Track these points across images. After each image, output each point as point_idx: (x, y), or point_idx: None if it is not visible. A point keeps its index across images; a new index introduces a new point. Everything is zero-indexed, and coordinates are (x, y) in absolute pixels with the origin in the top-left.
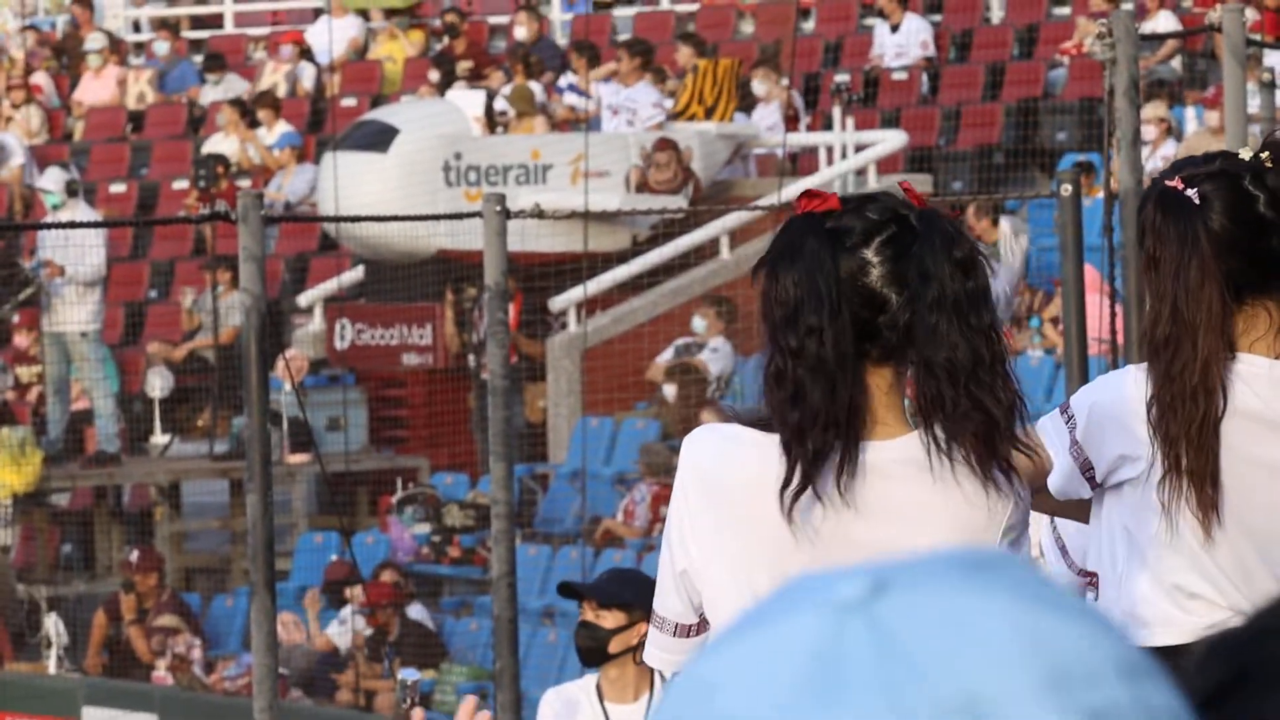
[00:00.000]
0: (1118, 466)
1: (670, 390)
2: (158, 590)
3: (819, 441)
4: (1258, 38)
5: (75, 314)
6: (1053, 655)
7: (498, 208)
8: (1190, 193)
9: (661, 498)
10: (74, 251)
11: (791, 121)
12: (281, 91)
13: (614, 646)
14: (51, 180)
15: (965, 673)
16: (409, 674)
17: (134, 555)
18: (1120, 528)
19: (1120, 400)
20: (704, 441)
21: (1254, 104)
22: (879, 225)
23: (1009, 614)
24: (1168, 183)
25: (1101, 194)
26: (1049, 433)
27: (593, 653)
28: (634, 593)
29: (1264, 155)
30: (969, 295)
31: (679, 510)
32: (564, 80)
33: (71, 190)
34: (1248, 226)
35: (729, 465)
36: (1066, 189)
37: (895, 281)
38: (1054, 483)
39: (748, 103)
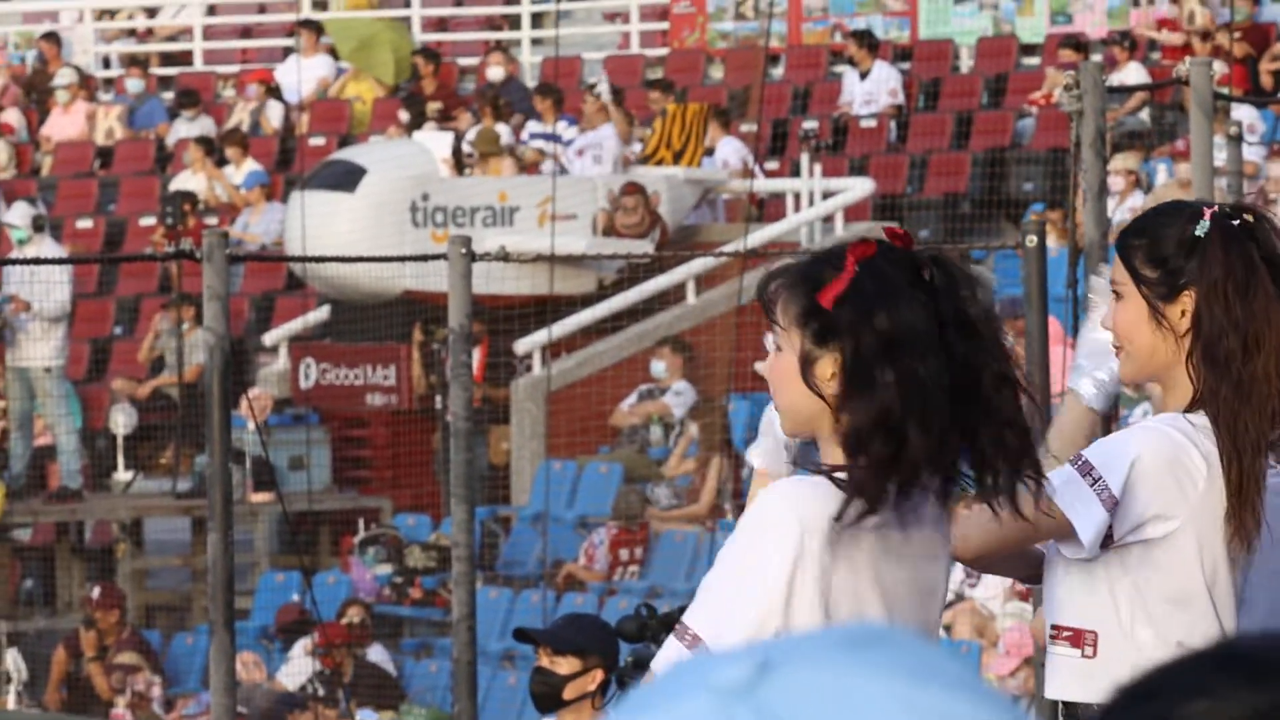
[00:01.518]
0: (1144, 524)
1: (631, 446)
2: (118, 627)
3: (909, 475)
4: (1225, 91)
5: (39, 349)
6: None
7: (463, 250)
8: (1234, 223)
9: (620, 542)
10: (39, 288)
11: (747, 171)
12: (247, 128)
13: (568, 693)
14: (18, 215)
15: None
16: (367, 716)
17: (95, 592)
18: (1128, 584)
19: (1169, 456)
20: (815, 497)
21: (1221, 157)
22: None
23: (893, 689)
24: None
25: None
26: (1066, 490)
27: (547, 699)
28: (589, 639)
29: (1249, 217)
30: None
31: (788, 570)
32: (531, 127)
33: (38, 225)
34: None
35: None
36: (1032, 240)
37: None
38: (1088, 538)
39: (712, 148)
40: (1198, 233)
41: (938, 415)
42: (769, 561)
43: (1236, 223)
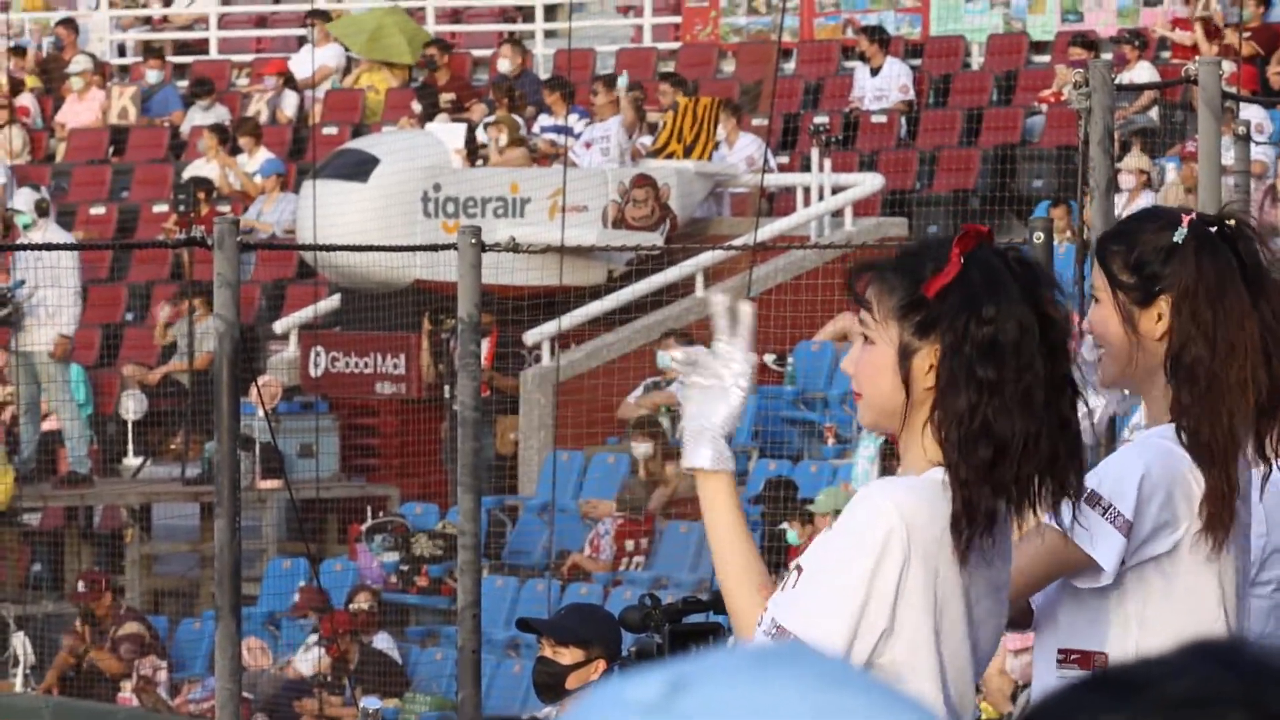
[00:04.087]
0: (1152, 540)
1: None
2: (114, 608)
3: (1010, 475)
4: (1234, 91)
5: (45, 335)
6: None
7: (473, 240)
8: (1212, 230)
9: (625, 533)
10: (46, 273)
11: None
12: (264, 119)
13: (571, 683)
14: (22, 201)
15: None
16: (371, 703)
17: (80, 585)
18: (1139, 601)
19: (1170, 471)
20: (913, 501)
21: (1229, 157)
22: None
23: (805, 700)
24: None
25: (1075, 241)
26: (1079, 524)
27: (549, 689)
28: (592, 630)
29: (1230, 223)
30: None
31: (893, 573)
32: (543, 120)
33: (41, 210)
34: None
35: (936, 517)
36: (1039, 237)
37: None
38: (1110, 566)
39: (731, 142)
40: (1175, 239)
41: (1035, 418)
42: (874, 561)
43: (1214, 230)
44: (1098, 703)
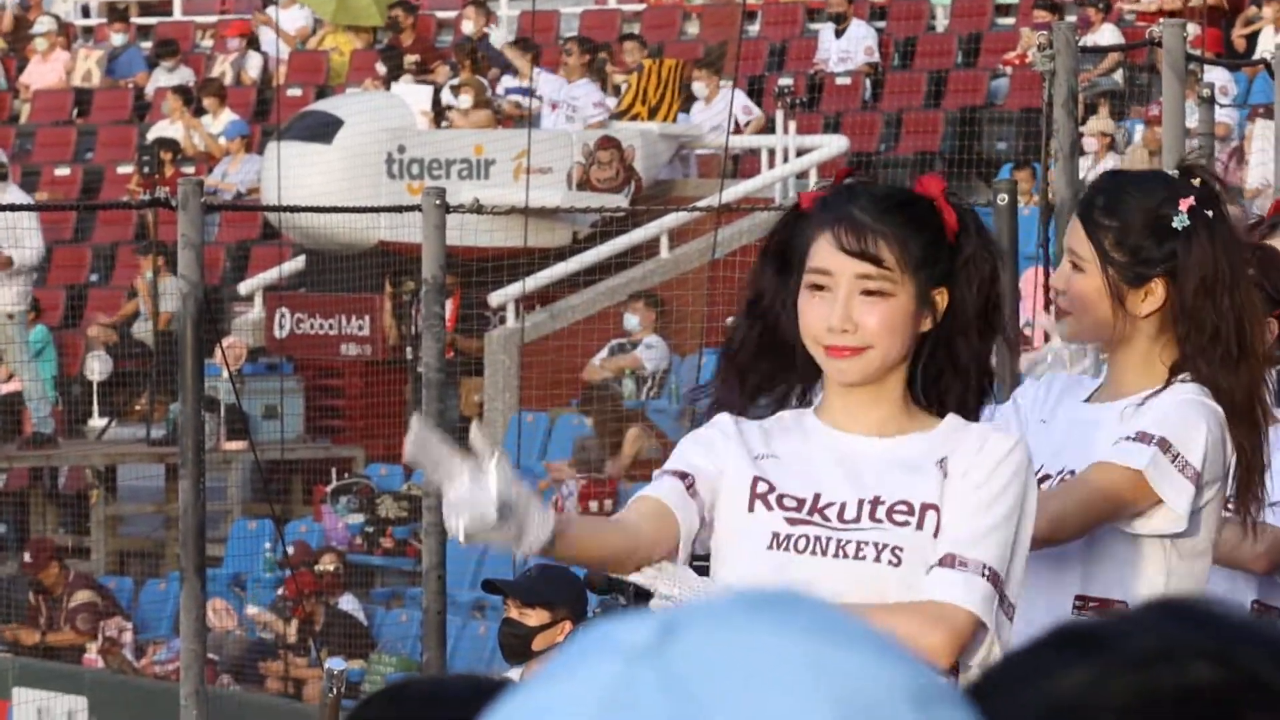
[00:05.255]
0: (1201, 492)
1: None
2: (63, 575)
3: None
4: (1198, 53)
5: (3, 296)
6: (843, 687)
7: (437, 201)
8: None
9: (590, 493)
10: (4, 233)
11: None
12: (228, 80)
13: (537, 644)
14: None
15: (756, 710)
16: (335, 663)
17: (26, 556)
18: (1172, 552)
19: (1219, 430)
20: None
21: (1193, 119)
22: None
23: (798, 649)
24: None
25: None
26: (1153, 467)
27: (515, 650)
28: (558, 592)
29: (1195, 181)
30: None
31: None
32: (506, 81)
33: (0, 174)
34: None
35: None
36: (1003, 199)
37: None
38: (1185, 512)
39: (688, 103)
40: (1175, 225)
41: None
42: (1029, 506)
43: (1212, 213)
44: (1064, 658)
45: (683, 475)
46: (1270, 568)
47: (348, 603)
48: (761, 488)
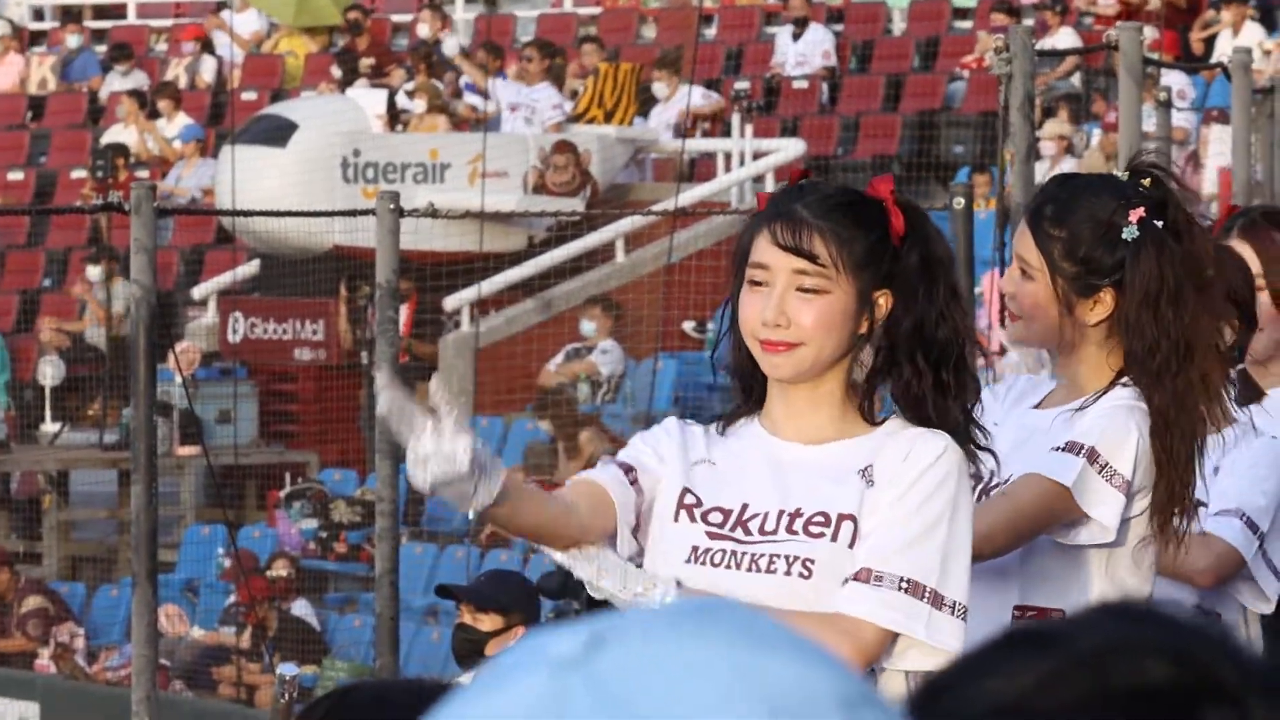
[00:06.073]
0: (1132, 501)
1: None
2: (14, 581)
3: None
4: (1155, 57)
5: None
6: (772, 692)
7: (391, 206)
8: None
9: None
10: None
11: (690, 128)
12: (183, 84)
13: (490, 649)
14: None
15: (686, 718)
16: (287, 669)
17: None
18: (1107, 560)
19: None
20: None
21: (1150, 123)
22: None
23: (726, 657)
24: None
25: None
26: (1081, 480)
27: (469, 655)
28: (511, 596)
29: (1145, 182)
30: None
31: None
32: (464, 79)
33: None
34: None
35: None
36: (960, 202)
37: None
38: (1113, 524)
39: (646, 106)
40: (1125, 236)
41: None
42: (967, 513)
43: (1162, 223)
44: (1017, 657)
45: (627, 468)
46: (1217, 582)
47: (301, 608)
48: (689, 499)
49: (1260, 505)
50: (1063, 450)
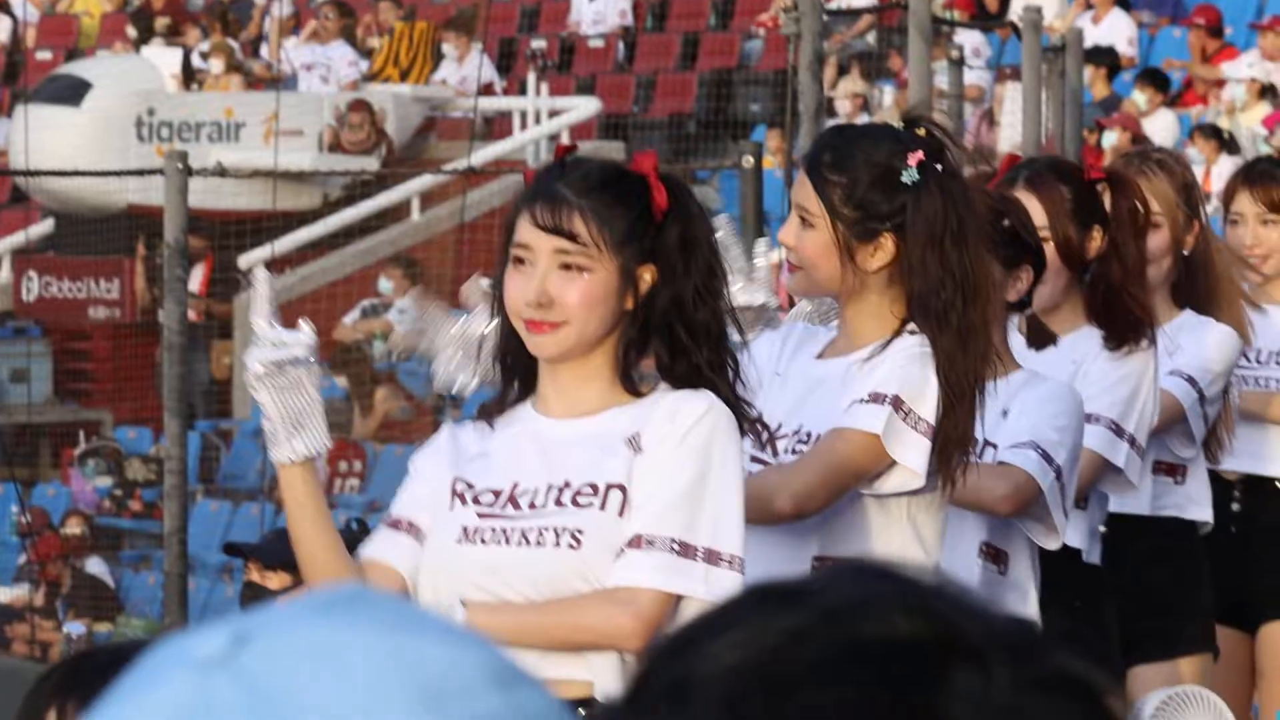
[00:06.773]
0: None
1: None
2: None
3: None
4: (948, 15)
5: None
6: (423, 675)
7: (179, 165)
8: (940, 167)
9: (338, 454)
10: None
11: (486, 88)
12: None
13: None
14: None
15: (338, 705)
16: (74, 628)
17: None
18: (913, 510)
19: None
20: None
21: (942, 81)
22: None
23: (375, 643)
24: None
25: (785, 165)
26: (889, 428)
27: None
28: None
29: (920, 131)
30: None
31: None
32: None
33: None
34: None
35: None
36: (749, 160)
37: None
38: (922, 469)
39: (438, 64)
40: (904, 180)
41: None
42: (736, 466)
43: (941, 167)
44: (762, 612)
45: (395, 524)
46: (1016, 509)
47: (95, 565)
48: (460, 487)
49: (1053, 439)
50: (866, 401)
